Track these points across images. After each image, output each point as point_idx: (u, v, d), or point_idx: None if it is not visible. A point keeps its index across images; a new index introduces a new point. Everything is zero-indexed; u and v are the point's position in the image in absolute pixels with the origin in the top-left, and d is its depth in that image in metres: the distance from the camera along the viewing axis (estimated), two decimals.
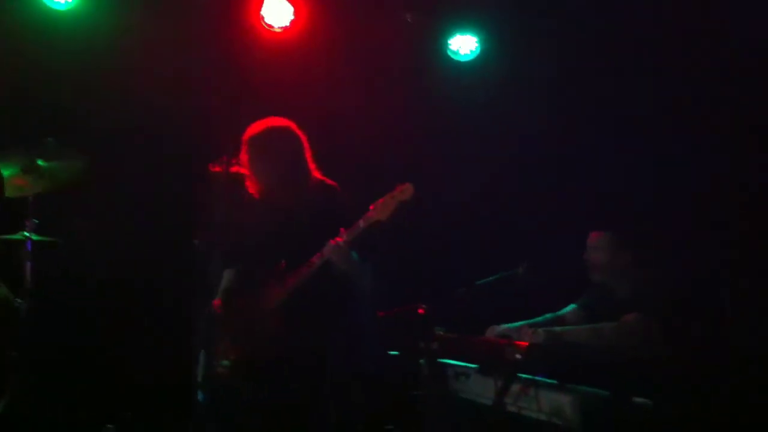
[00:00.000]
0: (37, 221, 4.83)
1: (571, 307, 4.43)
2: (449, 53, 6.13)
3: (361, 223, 3.95)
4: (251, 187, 4.35)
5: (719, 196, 5.00)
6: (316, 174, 4.36)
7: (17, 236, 4.81)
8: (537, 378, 3.41)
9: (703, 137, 5.11)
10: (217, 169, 5.09)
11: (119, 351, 5.70)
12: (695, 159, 5.12)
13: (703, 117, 5.15)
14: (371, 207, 3.93)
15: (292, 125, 4.35)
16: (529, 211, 5.78)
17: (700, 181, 5.12)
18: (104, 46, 5.64)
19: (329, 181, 4.33)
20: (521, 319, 4.26)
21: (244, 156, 4.30)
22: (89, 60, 5.62)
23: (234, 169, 4.26)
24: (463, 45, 6.12)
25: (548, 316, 4.40)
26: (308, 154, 4.34)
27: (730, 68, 5.06)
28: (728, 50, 5.04)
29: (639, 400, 3.26)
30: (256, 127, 4.29)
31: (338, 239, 3.96)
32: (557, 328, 3.92)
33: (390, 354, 4.14)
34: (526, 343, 3.47)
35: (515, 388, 3.42)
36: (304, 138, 4.35)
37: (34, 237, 4.80)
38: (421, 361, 3.84)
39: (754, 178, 4.88)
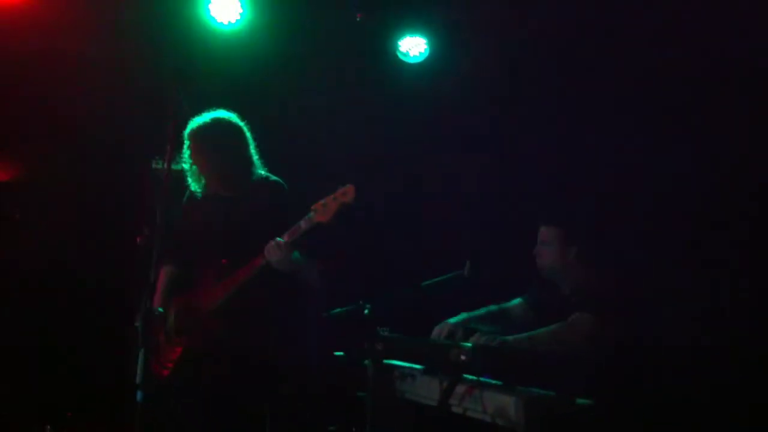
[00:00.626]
0: None
1: (517, 300, 4.44)
2: (399, 55, 6.12)
3: (302, 225, 3.90)
4: (194, 183, 4.29)
5: (668, 193, 5.06)
6: (261, 170, 4.31)
7: None
8: (482, 379, 3.40)
9: (653, 134, 5.17)
10: (159, 165, 5.04)
11: (58, 350, 5.59)
12: (644, 155, 5.18)
13: (651, 113, 5.21)
14: (312, 208, 3.89)
15: (235, 119, 4.29)
16: (475, 209, 5.80)
17: (648, 177, 5.18)
18: None
19: (273, 177, 4.28)
20: None
21: (186, 151, 4.23)
22: None
23: (176, 164, 4.19)
24: (413, 47, 6.11)
25: (492, 308, 4.40)
26: (251, 149, 4.29)
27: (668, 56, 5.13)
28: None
29: (582, 400, 3.27)
30: (197, 122, 4.22)
31: (278, 240, 3.91)
32: (509, 337, 3.89)
33: (334, 354, 4.09)
34: (470, 344, 3.46)
35: (460, 389, 3.40)
36: (247, 132, 4.29)
37: None
38: (366, 362, 3.80)
39: (704, 174, 4.96)
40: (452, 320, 4.16)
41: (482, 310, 4.34)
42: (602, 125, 5.32)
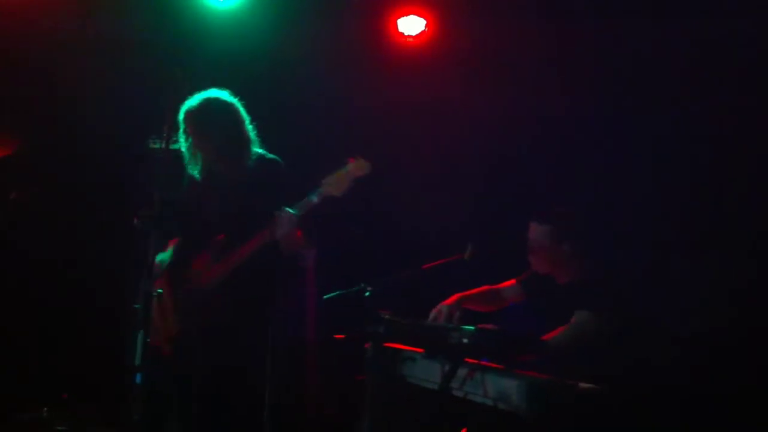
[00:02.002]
0: None
1: (511, 283, 4.42)
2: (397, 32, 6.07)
3: (315, 199, 3.89)
4: (191, 165, 4.26)
5: (659, 187, 5.05)
6: (258, 148, 4.28)
7: None
8: (483, 362, 3.39)
9: (642, 128, 5.15)
10: (157, 145, 5.01)
11: (56, 332, 5.57)
12: (633, 149, 5.17)
13: (641, 107, 5.19)
14: (322, 182, 3.88)
15: (227, 96, 4.25)
16: (476, 195, 5.78)
17: (639, 171, 5.17)
18: None
19: (270, 155, 4.26)
20: None
21: (181, 134, 4.20)
22: None
23: (174, 144, 4.16)
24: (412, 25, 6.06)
25: (485, 289, 4.39)
26: (246, 125, 4.25)
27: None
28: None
29: (584, 385, 3.26)
30: (190, 103, 4.18)
31: (289, 212, 3.89)
32: None
33: (335, 337, 4.08)
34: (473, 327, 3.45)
35: (461, 372, 3.38)
36: (241, 109, 4.26)
37: None
38: (367, 345, 3.79)
39: (697, 170, 4.96)
40: (447, 303, 4.15)
41: (475, 292, 4.33)
42: (600, 113, 5.30)
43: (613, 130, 5.24)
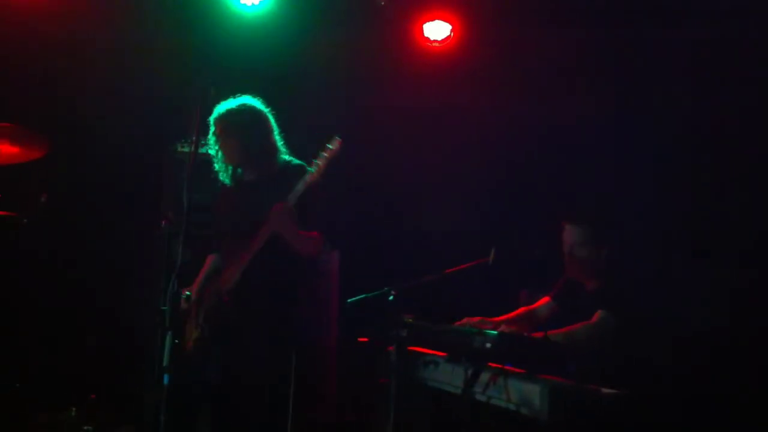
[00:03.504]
0: None
1: (545, 301, 4.41)
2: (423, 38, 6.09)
3: (300, 186, 3.96)
4: (221, 170, 4.32)
5: (691, 193, 5.05)
6: (285, 155, 4.33)
7: None
8: (506, 367, 3.40)
9: (682, 129, 5.15)
10: (185, 149, 5.08)
11: (84, 333, 5.63)
12: (665, 151, 5.16)
13: (674, 111, 5.18)
14: (307, 169, 3.97)
15: (259, 105, 4.30)
16: (500, 198, 5.79)
17: (670, 174, 5.16)
18: None
19: (297, 161, 4.30)
20: (493, 308, 4.25)
21: (212, 137, 4.26)
22: None
23: (202, 148, 4.22)
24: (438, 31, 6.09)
25: (521, 313, 4.39)
26: (276, 134, 4.31)
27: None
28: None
29: (606, 390, 3.26)
30: (223, 107, 4.24)
31: (278, 205, 3.95)
32: None
33: (358, 340, 4.10)
34: (496, 332, 3.46)
35: (484, 377, 3.40)
36: (271, 118, 4.31)
37: None
38: (390, 348, 3.81)
39: (698, 174, 4.97)
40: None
41: (512, 316, 4.33)
42: (629, 117, 5.30)
43: (626, 135, 5.26)
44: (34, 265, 5.51)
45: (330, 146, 3.97)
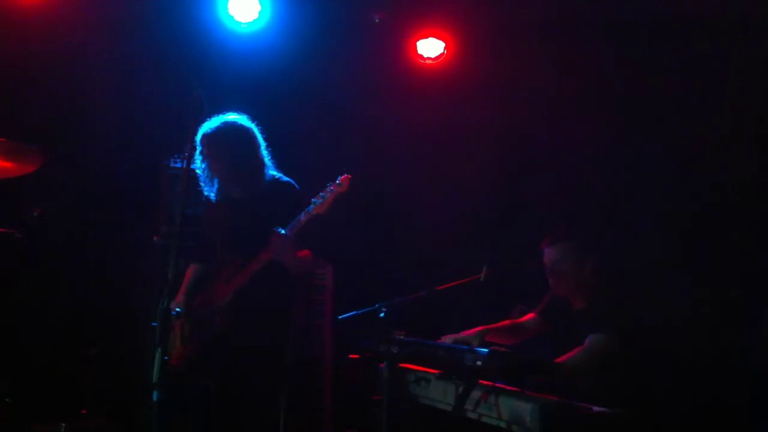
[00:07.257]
0: None
1: (531, 317, 4.41)
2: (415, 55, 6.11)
3: (303, 217, 3.95)
4: (206, 187, 4.33)
5: (678, 202, 5.06)
6: (272, 171, 4.34)
7: None
8: (497, 384, 3.40)
9: (663, 137, 5.18)
10: (177, 164, 5.09)
11: (74, 348, 5.61)
12: (651, 161, 5.20)
13: (660, 118, 5.21)
14: (311, 201, 3.96)
15: (244, 121, 4.32)
16: (493, 215, 5.80)
17: (658, 185, 5.19)
18: None
19: (285, 178, 4.31)
20: (481, 324, 4.24)
21: (198, 156, 4.27)
22: None
23: (195, 163, 4.23)
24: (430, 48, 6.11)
25: (507, 323, 4.39)
26: (262, 150, 4.32)
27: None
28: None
29: (597, 408, 3.26)
30: (207, 126, 4.25)
31: (280, 232, 3.94)
32: None
33: (350, 357, 4.10)
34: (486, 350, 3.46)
35: (475, 394, 3.39)
36: (257, 133, 4.32)
37: None
38: (381, 365, 3.81)
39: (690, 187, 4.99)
40: (469, 334, 4.13)
41: (499, 325, 4.33)
42: (622, 133, 5.32)
43: (619, 150, 5.29)
44: (24, 280, 5.49)
45: (339, 182, 3.94)
